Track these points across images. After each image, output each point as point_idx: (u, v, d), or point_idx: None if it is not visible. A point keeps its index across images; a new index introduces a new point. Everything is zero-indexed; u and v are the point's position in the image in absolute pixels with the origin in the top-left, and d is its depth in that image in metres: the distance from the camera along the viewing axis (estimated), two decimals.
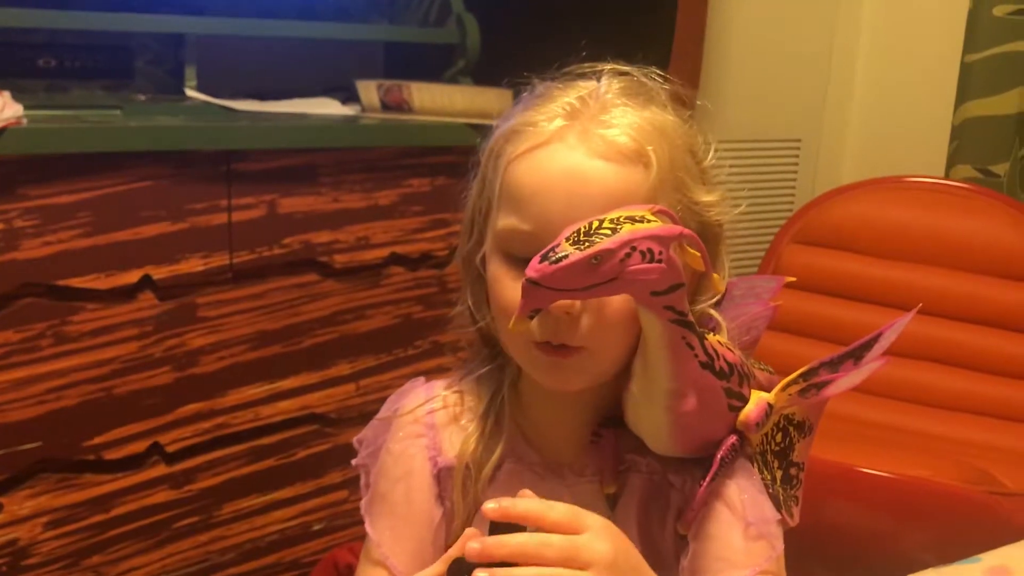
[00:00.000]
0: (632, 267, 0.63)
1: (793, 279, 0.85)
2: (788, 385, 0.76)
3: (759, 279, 0.84)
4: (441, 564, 0.67)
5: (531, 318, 0.65)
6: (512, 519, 0.62)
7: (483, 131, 0.80)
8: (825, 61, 2.22)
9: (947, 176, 1.93)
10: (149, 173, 1.28)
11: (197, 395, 1.38)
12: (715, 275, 0.75)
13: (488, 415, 0.79)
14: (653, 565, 0.73)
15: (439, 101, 1.54)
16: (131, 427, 1.33)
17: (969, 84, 1.88)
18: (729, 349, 0.74)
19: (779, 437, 0.76)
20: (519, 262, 0.70)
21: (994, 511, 1.29)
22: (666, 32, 1.74)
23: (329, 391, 1.51)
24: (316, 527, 1.54)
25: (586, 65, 0.77)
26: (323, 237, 1.44)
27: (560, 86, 0.76)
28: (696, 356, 0.69)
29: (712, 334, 0.73)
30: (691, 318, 0.68)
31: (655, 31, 1.74)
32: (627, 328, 0.70)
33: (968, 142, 1.90)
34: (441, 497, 0.79)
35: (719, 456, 0.73)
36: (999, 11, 1.84)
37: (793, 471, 0.78)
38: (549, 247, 0.62)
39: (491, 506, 0.63)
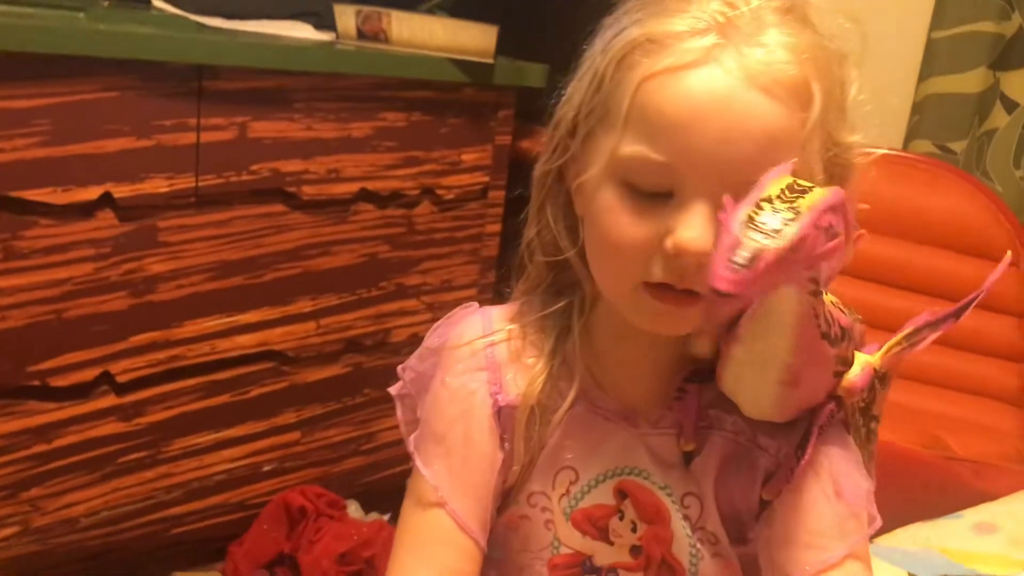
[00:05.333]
0: (820, 249, 0.54)
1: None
2: (892, 347, 0.71)
3: None
4: None
5: None
6: None
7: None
8: None
9: (905, 150, 1.94)
10: (115, 83, 1.19)
11: (152, 324, 1.30)
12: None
13: (555, 355, 0.71)
14: (729, 527, 0.70)
15: (419, 34, 1.47)
16: (80, 354, 1.25)
17: (934, 60, 1.90)
18: (841, 311, 0.67)
19: (865, 394, 0.71)
20: (640, 195, 0.62)
21: (955, 475, 1.32)
22: None
23: (289, 328, 1.44)
24: (266, 468, 1.49)
25: None
26: (293, 166, 1.37)
27: None
28: (819, 327, 0.62)
29: (825, 293, 0.65)
30: (821, 286, 0.61)
31: None
32: None
33: (928, 118, 1.91)
34: (501, 439, 0.72)
35: (818, 425, 0.67)
36: None
37: (873, 425, 0.74)
38: (725, 247, 0.52)
39: None
